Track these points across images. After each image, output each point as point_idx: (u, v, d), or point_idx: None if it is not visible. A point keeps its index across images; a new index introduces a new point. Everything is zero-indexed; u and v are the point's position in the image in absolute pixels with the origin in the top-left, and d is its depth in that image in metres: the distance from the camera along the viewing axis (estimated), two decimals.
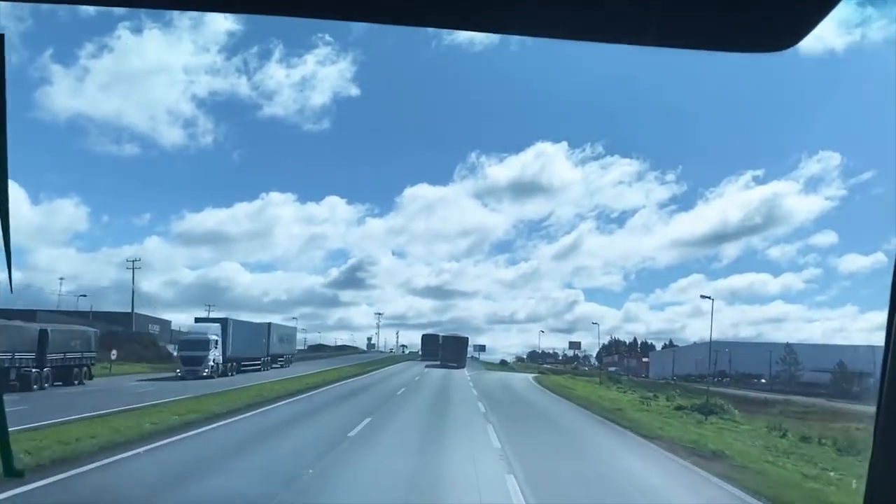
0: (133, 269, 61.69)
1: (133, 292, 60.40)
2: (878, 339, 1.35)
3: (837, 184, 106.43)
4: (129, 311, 74.68)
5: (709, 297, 28.71)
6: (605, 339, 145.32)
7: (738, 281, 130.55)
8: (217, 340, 39.90)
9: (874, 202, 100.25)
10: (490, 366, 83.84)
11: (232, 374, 41.25)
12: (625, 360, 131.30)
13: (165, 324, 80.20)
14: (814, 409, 47.08)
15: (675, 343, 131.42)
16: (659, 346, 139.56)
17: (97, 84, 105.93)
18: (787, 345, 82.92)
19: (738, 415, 25.91)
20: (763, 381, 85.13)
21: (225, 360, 40.98)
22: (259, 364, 47.62)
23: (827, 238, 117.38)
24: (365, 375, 48.05)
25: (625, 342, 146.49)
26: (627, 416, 23.23)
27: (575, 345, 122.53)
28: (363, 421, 18.86)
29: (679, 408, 27.16)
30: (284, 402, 25.10)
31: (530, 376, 58.35)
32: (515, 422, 21.46)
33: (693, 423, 22.35)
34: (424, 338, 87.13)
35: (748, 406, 35.45)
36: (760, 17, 1.22)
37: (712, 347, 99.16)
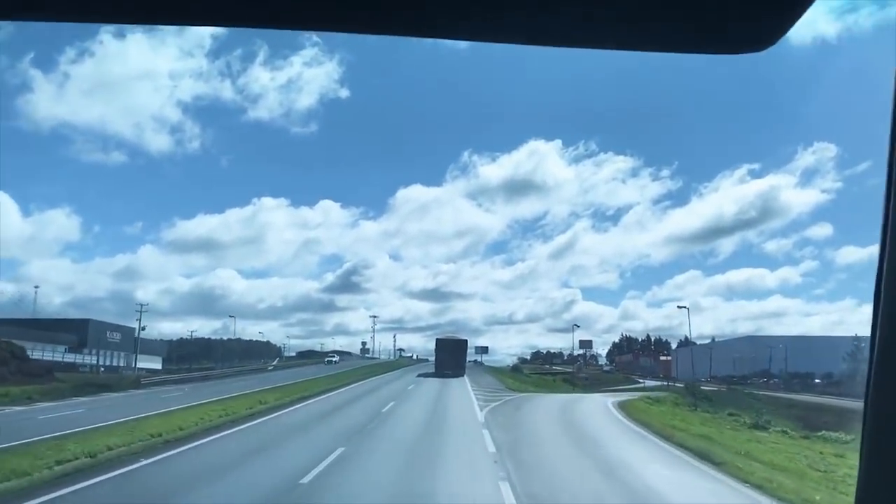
0: None
1: None
2: None
3: (833, 175, 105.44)
4: (87, 318, 65.50)
5: None
6: (616, 338, 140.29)
7: (735, 276, 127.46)
8: None
9: (870, 193, 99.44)
10: (501, 374, 65.00)
11: None
12: (639, 359, 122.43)
13: (128, 331, 68.79)
14: None
15: (692, 340, 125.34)
16: (673, 344, 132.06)
17: (80, 91, 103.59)
18: (856, 337, 70.05)
19: None
20: (817, 381, 72.55)
21: None
22: None
23: (823, 230, 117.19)
24: (281, 412, 26.18)
25: (637, 339, 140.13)
26: None
27: (586, 343, 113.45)
28: None
29: None
30: None
31: (609, 404, 34.04)
32: None
33: None
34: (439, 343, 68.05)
35: None
36: (736, 19, 1.23)
37: (758, 343, 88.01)
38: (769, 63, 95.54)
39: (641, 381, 78.18)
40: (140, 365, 63.07)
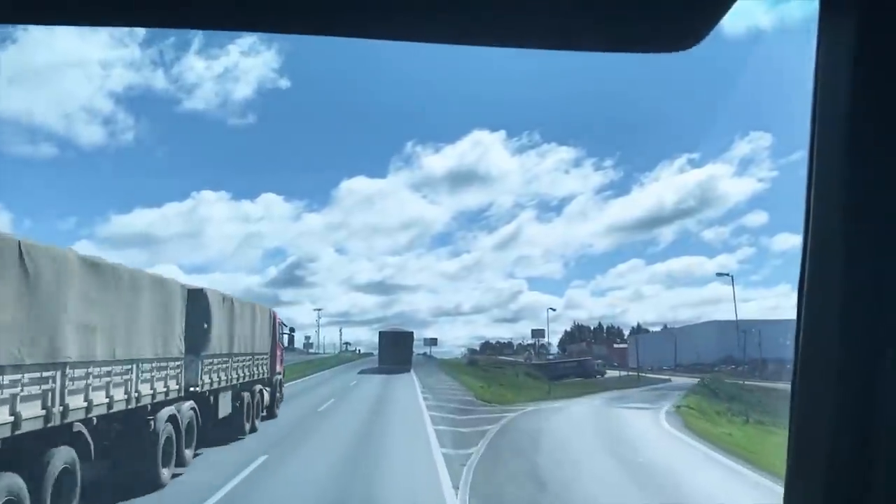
0: None
1: None
2: None
3: (768, 164, 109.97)
4: None
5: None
6: (561, 326, 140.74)
7: (675, 264, 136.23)
8: None
9: (803, 182, 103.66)
10: (458, 372, 54.60)
11: None
12: (592, 347, 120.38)
13: None
14: None
15: (644, 328, 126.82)
16: (625, 332, 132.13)
17: (3, 79, 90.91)
18: None
19: None
20: (788, 366, 68.54)
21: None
22: None
23: (758, 218, 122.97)
24: None
25: (589, 328, 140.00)
26: None
27: (538, 333, 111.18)
28: None
29: None
30: None
31: (667, 425, 23.51)
32: None
33: None
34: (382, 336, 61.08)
35: None
36: (658, 19, 1.23)
37: (724, 328, 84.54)
38: (707, 54, 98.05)
39: (605, 371, 72.17)
40: None
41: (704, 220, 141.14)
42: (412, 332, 62.39)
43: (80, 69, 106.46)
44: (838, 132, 1.28)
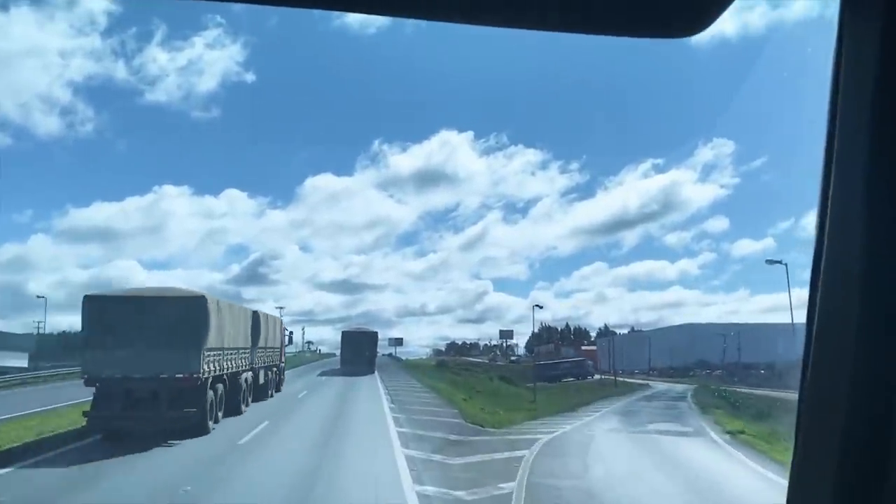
0: None
1: None
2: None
3: (730, 171, 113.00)
4: None
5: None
6: (526, 327, 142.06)
7: (638, 268, 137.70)
8: None
9: (764, 189, 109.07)
10: (428, 377, 46.81)
11: None
12: (561, 349, 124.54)
13: None
14: None
15: (612, 329, 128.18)
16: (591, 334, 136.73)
17: None
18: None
19: None
20: (762, 371, 67.44)
21: None
22: None
23: (720, 224, 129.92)
24: None
25: (557, 329, 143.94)
26: None
27: (507, 333, 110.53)
28: None
29: None
30: None
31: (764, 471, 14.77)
32: None
33: None
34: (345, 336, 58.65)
35: None
36: (669, 2, 1.24)
37: (697, 332, 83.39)
38: (674, 59, 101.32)
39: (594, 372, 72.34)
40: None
41: (667, 225, 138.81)
42: (376, 332, 59.36)
43: (37, 58, 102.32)
44: (859, 134, 1.22)
